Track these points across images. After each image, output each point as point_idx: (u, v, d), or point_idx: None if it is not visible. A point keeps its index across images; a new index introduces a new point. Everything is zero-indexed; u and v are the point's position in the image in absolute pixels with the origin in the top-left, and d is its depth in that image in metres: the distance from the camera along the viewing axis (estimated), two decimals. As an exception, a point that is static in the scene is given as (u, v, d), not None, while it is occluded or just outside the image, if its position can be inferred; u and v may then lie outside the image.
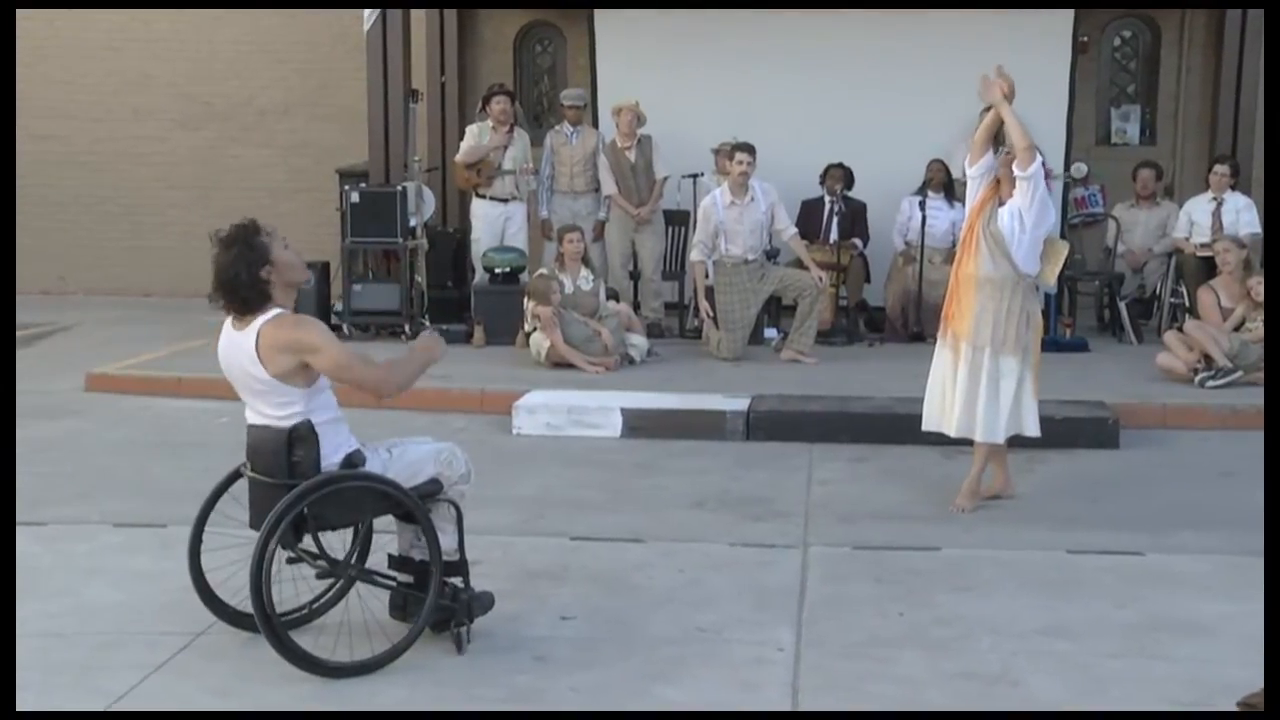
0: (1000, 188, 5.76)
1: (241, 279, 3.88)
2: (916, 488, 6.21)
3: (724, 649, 4.23)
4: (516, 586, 4.72)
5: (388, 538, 4.35)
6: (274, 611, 3.89)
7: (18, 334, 8.30)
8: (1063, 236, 10.14)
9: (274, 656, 3.91)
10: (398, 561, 4.28)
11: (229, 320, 4.01)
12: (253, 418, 4.06)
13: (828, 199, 10.01)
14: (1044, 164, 5.91)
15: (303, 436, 3.93)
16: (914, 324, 9.66)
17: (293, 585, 4.18)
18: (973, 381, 5.72)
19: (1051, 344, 9.28)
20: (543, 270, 9.15)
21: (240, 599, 4.07)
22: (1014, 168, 5.64)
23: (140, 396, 8.29)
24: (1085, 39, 10.89)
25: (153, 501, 5.89)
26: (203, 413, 7.59)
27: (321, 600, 4.38)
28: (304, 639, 4.01)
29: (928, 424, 5.96)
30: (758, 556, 5.18)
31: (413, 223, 9.81)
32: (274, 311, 3.94)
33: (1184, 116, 11.55)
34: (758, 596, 4.71)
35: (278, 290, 3.96)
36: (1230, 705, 3.56)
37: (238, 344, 3.96)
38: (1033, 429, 5.85)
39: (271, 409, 3.98)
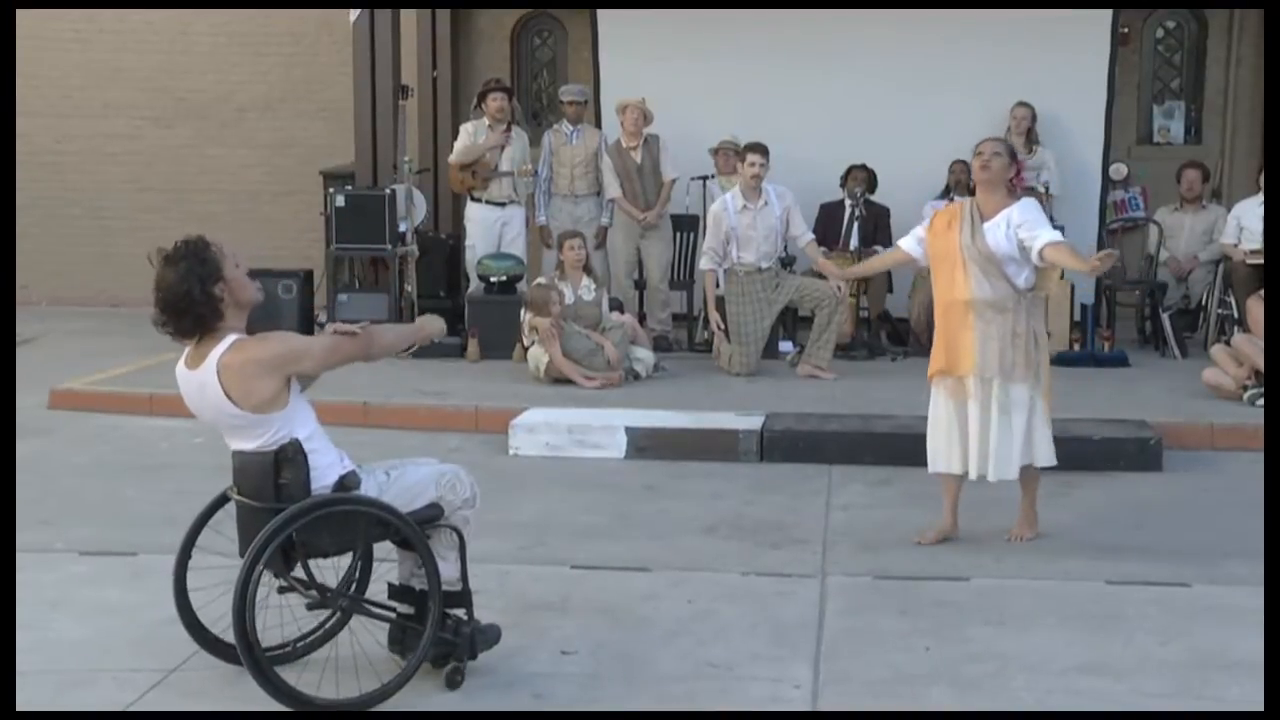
0: (980, 203, 5.62)
1: (194, 295, 3.84)
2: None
3: (737, 686, 4.25)
4: (514, 619, 4.73)
5: (388, 566, 4.36)
6: (258, 642, 3.89)
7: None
8: (1100, 242, 10.20)
9: (255, 693, 3.92)
10: (398, 591, 4.29)
11: (181, 362, 4.00)
12: (234, 446, 4.08)
13: (848, 203, 10.04)
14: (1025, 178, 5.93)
15: (290, 458, 3.95)
16: (941, 337, 9.66)
17: (278, 614, 4.19)
18: (985, 416, 5.60)
19: (1090, 359, 9.34)
20: (541, 279, 9.19)
21: (223, 627, 4.08)
22: (1036, 253, 5.49)
23: (109, 415, 8.32)
24: (1126, 30, 10.93)
25: (123, 528, 5.92)
26: (176, 432, 7.62)
27: (312, 636, 4.38)
28: (289, 674, 4.02)
29: (934, 465, 5.78)
30: (773, 587, 5.20)
31: (403, 228, 9.86)
32: (229, 339, 3.91)
33: (1234, 112, 11.57)
34: (773, 630, 4.72)
35: (230, 310, 3.93)
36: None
37: (199, 384, 3.93)
38: (1046, 458, 5.70)
39: (250, 441, 3.98)
